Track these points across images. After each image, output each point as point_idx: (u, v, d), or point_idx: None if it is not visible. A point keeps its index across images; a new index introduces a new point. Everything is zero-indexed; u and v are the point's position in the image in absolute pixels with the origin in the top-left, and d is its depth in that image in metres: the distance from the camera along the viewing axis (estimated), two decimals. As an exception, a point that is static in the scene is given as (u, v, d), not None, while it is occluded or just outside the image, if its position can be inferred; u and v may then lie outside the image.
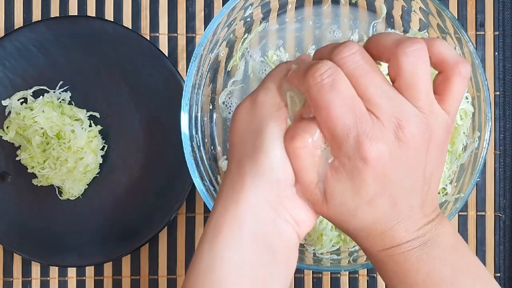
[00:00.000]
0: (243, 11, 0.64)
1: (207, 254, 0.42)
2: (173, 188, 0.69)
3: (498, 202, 0.72)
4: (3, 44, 0.69)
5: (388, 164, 0.40)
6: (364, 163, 0.40)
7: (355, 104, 0.40)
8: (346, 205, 0.42)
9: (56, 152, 0.68)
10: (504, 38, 0.72)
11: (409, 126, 0.40)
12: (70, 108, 0.69)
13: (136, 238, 0.69)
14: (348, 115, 0.39)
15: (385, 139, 0.40)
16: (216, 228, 0.42)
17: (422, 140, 0.41)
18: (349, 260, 0.64)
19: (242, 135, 0.44)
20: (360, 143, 0.39)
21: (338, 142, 0.40)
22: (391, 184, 0.41)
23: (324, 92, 0.39)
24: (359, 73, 0.40)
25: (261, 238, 0.42)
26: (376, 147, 0.39)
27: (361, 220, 0.42)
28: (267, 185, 0.42)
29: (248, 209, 0.42)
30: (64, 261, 0.70)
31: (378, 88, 0.40)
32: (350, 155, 0.40)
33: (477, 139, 0.63)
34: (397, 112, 0.40)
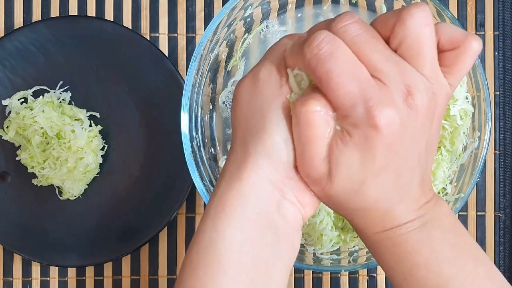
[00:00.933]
0: (243, 11, 0.64)
1: (209, 231, 0.41)
2: (173, 188, 0.69)
3: (498, 202, 0.72)
4: (3, 44, 0.69)
5: (397, 132, 0.38)
6: (374, 130, 0.38)
7: (358, 70, 0.38)
8: (351, 180, 0.40)
9: (56, 152, 0.68)
10: (504, 38, 0.72)
11: (419, 92, 0.38)
12: (70, 108, 0.69)
13: (136, 238, 0.69)
14: (351, 82, 0.37)
15: (395, 105, 0.38)
16: (219, 205, 0.41)
17: (429, 109, 0.39)
18: (349, 260, 0.64)
19: (245, 113, 0.42)
20: (369, 109, 0.37)
21: (344, 111, 0.38)
22: (396, 155, 0.39)
23: (322, 62, 0.38)
24: (361, 39, 0.38)
25: (264, 217, 0.41)
26: (387, 113, 0.37)
27: (364, 197, 0.41)
28: (271, 165, 0.40)
29: (252, 188, 0.40)
30: (64, 261, 0.70)
31: (382, 54, 0.38)
32: (358, 123, 0.38)
33: (477, 139, 0.63)
34: (405, 78, 0.38)
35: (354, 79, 0.37)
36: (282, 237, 0.41)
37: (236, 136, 0.43)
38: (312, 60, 0.38)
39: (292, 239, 0.42)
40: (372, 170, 0.39)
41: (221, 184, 0.42)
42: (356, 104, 0.37)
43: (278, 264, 0.42)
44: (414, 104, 0.38)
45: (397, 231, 0.42)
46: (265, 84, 0.41)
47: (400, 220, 0.42)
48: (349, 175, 0.39)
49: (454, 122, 0.63)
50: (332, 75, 0.37)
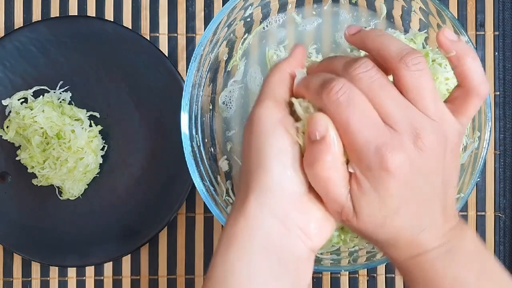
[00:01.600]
0: (243, 11, 0.64)
1: (220, 266, 0.43)
2: (173, 188, 0.69)
3: (498, 202, 0.72)
4: (3, 44, 0.69)
5: (410, 173, 0.41)
6: (387, 173, 0.41)
7: (373, 118, 0.41)
8: (374, 216, 0.42)
9: (56, 152, 0.68)
10: (504, 38, 0.72)
11: (427, 134, 0.41)
12: (70, 108, 0.69)
13: (136, 238, 0.69)
14: (367, 129, 0.41)
15: (405, 149, 0.41)
16: (227, 241, 0.43)
17: (439, 147, 0.42)
18: (349, 260, 0.64)
19: (246, 152, 0.44)
20: (382, 155, 0.40)
21: (359, 155, 0.41)
22: (413, 192, 0.42)
23: (342, 109, 0.41)
24: (375, 87, 0.42)
25: (271, 252, 0.42)
26: (397, 157, 0.41)
27: (389, 229, 0.43)
28: (271, 199, 0.42)
29: (256, 223, 0.42)
30: (64, 261, 0.70)
31: (393, 101, 0.41)
32: (372, 167, 0.41)
33: (477, 139, 0.63)
34: (414, 123, 0.41)
35: (370, 127, 0.41)
36: (290, 271, 0.43)
37: (241, 174, 0.45)
38: (331, 105, 0.41)
39: (300, 272, 0.44)
40: (392, 206, 0.42)
41: (229, 221, 0.44)
42: (369, 148, 0.41)
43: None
44: (423, 145, 0.41)
45: (423, 258, 0.44)
46: (259, 123, 0.43)
47: (426, 247, 0.44)
48: (372, 212, 0.42)
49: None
50: (350, 122, 0.41)
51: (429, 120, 0.42)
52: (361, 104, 0.41)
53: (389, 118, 0.41)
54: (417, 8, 0.64)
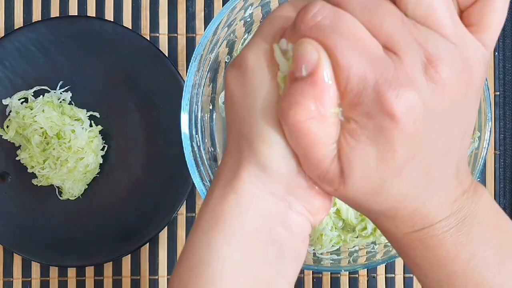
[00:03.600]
0: (243, 11, 0.64)
1: (202, 248, 0.35)
2: (173, 188, 0.69)
3: (498, 202, 0.72)
4: (3, 44, 0.69)
5: (421, 118, 0.31)
6: (391, 120, 0.30)
7: (368, 44, 0.31)
8: (368, 180, 0.33)
9: (56, 152, 0.68)
10: (504, 38, 0.72)
11: (443, 61, 0.30)
12: (70, 108, 0.69)
13: (136, 238, 0.69)
14: (361, 60, 0.30)
15: (415, 83, 0.30)
16: (212, 218, 0.35)
17: (460, 80, 0.31)
18: (349, 260, 0.64)
19: (237, 111, 0.34)
20: (383, 94, 0.30)
21: (353, 98, 0.31)
22: (423, 145, 0.32)
23: (325, 34, 0.30)
24: (369, 4, 0.31)
25: (266, 233, 0.35)
26: (405, 97, 0.30)
27: (386, 197, 0.34)
28: (271, 177, 0.34)
29: (250, 202, 0.35)
30: (64, 261, 0.70)
31: (396, 19, 0.31)
32: (371, 112, 0.31)
33: (477, 139, 0.63)
34: (426, 46, 0.30)
35: (365, 56, 0.30)
36: (287, 251, 0.36)
37: (230, 134, 0.36)
38: (310, 33, 0.31)
39: (298, 252, 0.37)
40: (393, 166, 0.32)
41: (215, 192, 0.36)
42: (366, 87, 0.30)
43: (281, 282, 0.36)
44: (439, 77, 0.30)
45: (429, 232, 0.35)
46: (255, 74, 0.33)
47: (433, 219, 0.35)
48: (366, 174, 0.32)
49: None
50: (338, 52, 0.30)
51: (446, 42, 0.31)
52: (350, 25, 0.30)
53: (392, 42, 0.30)
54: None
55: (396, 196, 0.34)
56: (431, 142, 0.32)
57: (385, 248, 0.64)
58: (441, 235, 0.35)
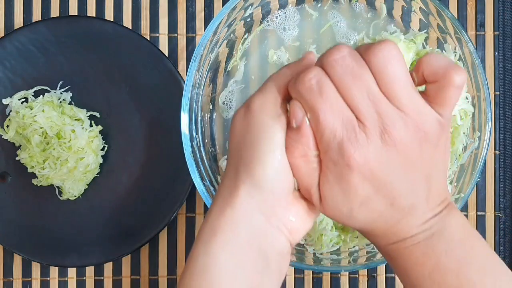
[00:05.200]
0: (243, 11, 0.64)
1: (202, 255, 0.42)
2: (173, 188, 0.69)
3: (498, 202, 0.72)
4: (3, 44, 0.69)
5: (376, 167, 0.40)
6: (348, 168, 0.40)
7: (341, 110, 0.40)
8: (339, 208, 0.42)
9: (56, 152, 0.68)
10: (504, 38, 0.72)
11: (395, 129, 0.40)
12: (70, 108, 0.69)
13: (136, 238, 0.69)
14: (335, 121, 0.40)
15: (370, 145, 0.40)
16: (211, 231, 0.43)
17: (411, 142, 0.41)
18: (349, 260, 0.64)
19: (239, 141, 0.43)
20: (344, 150, 0.40)
21: (324, 147, 0.41)
22: (384, 186, 0.41)
23: (313, 96, 0.40)
24: (347, 78, 0.40)
25: (255, 245, 0.42)
26: (359, 153, 0.40)
27: (357, 221, 0.43)
28: (261, 195, 0.42)
29: (243, 217, 0.42)
30: (64, 261, 0.70)
31: (363, 94, 0.40)
32: (335, 160, 0.41)
33: (477, 139, 0.63)
34: (383, 117, 0.40)
35: (337, 119, 0.40)
36: (272, 263, 0.43)
37: (230, 162, 0.44)
38: (304, 93, 0.41)
39: (280, 266, 0.44)
40: (356, 200, 0.42)
41: (214, 209, 0.43)
42: (334, 142, 0.40)
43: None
44: (391, 141, 0.40)
45: (401, 245, 0.43)
46: (259, 114, 0.42)
47: (404, 235, 0.43)
48: (335, 203, 0.42)
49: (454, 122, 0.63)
50: (319, 111, 0.40)
51: (400, 114, 0.40)
52: (331, 94, 0.40)
53: (357, 111, 0.40)
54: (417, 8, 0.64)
55: (365, 220, 0.43)
56: (391, 184, 0.41)
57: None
58: (411, 247, 0.43)
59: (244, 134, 0.43)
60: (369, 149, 0.40)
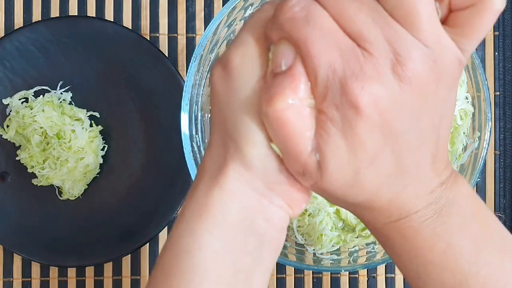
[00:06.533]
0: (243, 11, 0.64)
1: (185, 236, 0.37)
2: (173, 188, 0.69)
3: (498, 202, 0.72)
4: (3, 44, 0.69)
5: (388, 110, 0.32)
6: (355, 111, 0.31)
7: (338, 37, 0.31)
8: (342, 172, 0.34)
9: (57, 152, 0.68)
10: (504, 39, 0.72)
11: (411, 61, 0.31)
12: (70, 108, 0.69)
13: (136, 238, 0.69)
14: (331, 51, 0.31)
15: (381, 78, 0.31)
16: (195, 210, 0.37)
17: (428, 79, 0.32)
18: (349, 260, 0.64)
19: (222, 109, 0.35)
20: (349, 86, 0.31)
21: (322, 91, 0.32)
22: (393, 136, 0.33)
23: (299, 26, 0.32)
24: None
25: (247, 224, 0.37)
26: (370, 89, 0.31)
27: (361, 189, 0.35)
28: (254, 174, 0.35)
29: (233, 196, 0.36)
30: (64, 261, 0.70)
31: (368, 16, 0.32)
32: (338, 103, 0.32)
33: (477, 139, 0.63)
34: (395, 44, 0.31)
35: (334, 49, 0.31)
36: (266, 241, 0.38)
37: (215, 129, 0.37)
38: (286, 24, 0.32)
39: (276, 241, 0.38)
40: (364, 157, 0.33)
41: (200, 185, 0.37)
42: (334, 78, 0.31)
43: (259, 270, 0.38)
44: (405, 75, 0.31)
45: (406, 223, 0.36)
46: (240, 74, 0.34)
47: (409, 209, 0.36)
48: (339, 166, 0.33)
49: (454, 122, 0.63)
50: (309, 43, 0.31)
51: (417, 44, 0.32)
52: (323, 20, 0.31)
53: (362, 37, 0.31)
54: (417, 8, 0.64)
55: (370, 187, 0.35)
56: (401, 134, 0.33)
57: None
58: (418, 226, 0.36)
59: (227, 101, 0.35)
60: (380, 85, 0.31)
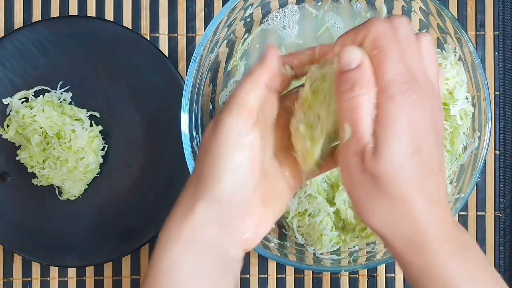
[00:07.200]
0: (243, 11, 0.64)
1: (166, 259, 0.45)
2: (173, 188, 0.69)
3: (498, 202, 0.72)
4: (3, 44, 0.69)
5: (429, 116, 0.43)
6: (411, 102, 0.41)
7: (406, 59, 0.42)
8: (396, 153, 0.41)
9: (57, 152, 0.68)
10: (504, 39, 0.72)
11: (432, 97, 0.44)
12: (70, 108, 0.69)
13: (136, 238, 0.69)
14: (401, 63, 0.42)
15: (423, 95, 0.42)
16: (172, 239, 0.46)
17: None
18: (349, 260, 0.64)
19: (203, 156, 0.46)
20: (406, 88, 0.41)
21: (385, 84, 0.42)
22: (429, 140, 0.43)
23: (387, 37, 0.42)
24: (410, 40, 0.43)
25: (213, 251, 0.45)
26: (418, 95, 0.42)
27: (408, 170, 0.42)
28: (218, 208, 0.45)
29: (200, 228, 0.45)
30: (64, 261, 0.70)
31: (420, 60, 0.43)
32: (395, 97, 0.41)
33: (477, 139, 0.63)
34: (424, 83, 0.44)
35: (402, 62, 0.42)
36: (228, 268, 0.46)
37: (194, 173, 0.47)
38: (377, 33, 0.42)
39: (234, 270, 0.47)
40: (414, 141, 0.41)
41: (174, 219, 0.47)
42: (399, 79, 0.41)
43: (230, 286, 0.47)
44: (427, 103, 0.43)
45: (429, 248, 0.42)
46: (225, 132, 0.44)
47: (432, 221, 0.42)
48: (394, 147, 0.41)
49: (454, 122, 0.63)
50: (392, 50, 0.42)
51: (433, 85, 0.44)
52: (401, 42, 0.42)
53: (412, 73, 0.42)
54: (417, 8, 0.64)
55: (416, 168, 0.42)
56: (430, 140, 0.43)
57: (385, 248, 0.64)
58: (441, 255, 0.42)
59: (207, 152, 0.45)
60: (423, 99, 0.42)
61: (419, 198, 0.42)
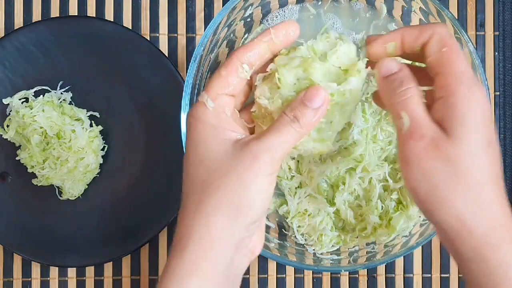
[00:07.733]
0: (243, 11, 0.64)
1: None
2: (173, 188, 0.69)
3: (498, 202, 0.72)
4: (3, 44, 0.69)
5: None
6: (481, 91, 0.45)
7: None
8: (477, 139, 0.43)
9: (57, 152, 0.68)
10: (504, 39, 0.72)
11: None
12: (70, 108, 0.69)
13: (136, 238, 0.69)
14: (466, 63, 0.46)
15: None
16: (186, 269, 0.45)
17: None
18: (349, 260, 0.64)
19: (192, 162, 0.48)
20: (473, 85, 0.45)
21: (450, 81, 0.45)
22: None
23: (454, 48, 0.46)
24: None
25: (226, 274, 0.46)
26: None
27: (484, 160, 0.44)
28: (243, 235, 0.46)
29: (223, 256, 0.45)
30: (64, 261, 0.70)
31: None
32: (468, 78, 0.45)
33: (477, 139, 0.63)
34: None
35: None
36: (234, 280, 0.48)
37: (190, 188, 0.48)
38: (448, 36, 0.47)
39: (239, 280, 0.48)
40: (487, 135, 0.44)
41: (188, 249, 0.45)
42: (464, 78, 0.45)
43: None
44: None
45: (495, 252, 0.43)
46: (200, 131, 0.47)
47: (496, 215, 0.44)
48: (475, 132, 0.44)
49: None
50: (460, 53, 0.46)
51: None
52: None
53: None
54: (417, 8, 0.64)
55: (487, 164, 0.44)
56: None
57: (385, 248, 0.64)
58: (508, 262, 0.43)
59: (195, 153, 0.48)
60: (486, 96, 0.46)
61: (494, 189, 0.43)
